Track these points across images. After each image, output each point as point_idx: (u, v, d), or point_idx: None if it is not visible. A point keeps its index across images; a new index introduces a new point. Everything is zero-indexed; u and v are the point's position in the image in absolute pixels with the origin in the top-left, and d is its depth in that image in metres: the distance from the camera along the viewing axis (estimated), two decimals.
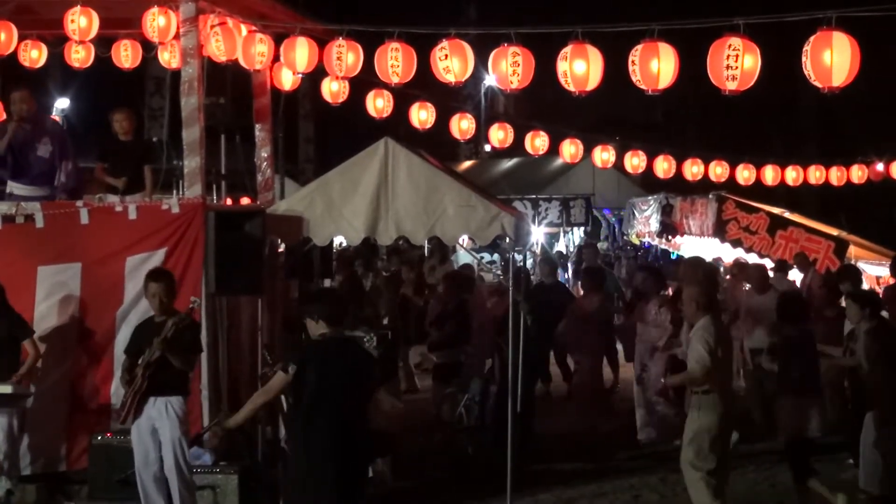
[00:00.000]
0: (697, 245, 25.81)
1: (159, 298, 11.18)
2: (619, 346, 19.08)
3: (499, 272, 20.92)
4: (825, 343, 13.25)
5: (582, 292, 18.58)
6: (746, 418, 13.62)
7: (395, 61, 13.43)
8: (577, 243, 33.18)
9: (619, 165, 27.09)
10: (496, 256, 27.44)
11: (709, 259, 21.22)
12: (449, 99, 20.30)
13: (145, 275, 11.64)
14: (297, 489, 8.56)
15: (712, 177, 26.32)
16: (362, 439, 8.78)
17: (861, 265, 20.66)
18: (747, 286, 17.56)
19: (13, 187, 13.64)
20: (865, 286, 17.66)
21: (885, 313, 12.97)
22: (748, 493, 12.58)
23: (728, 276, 20.79)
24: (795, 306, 12.96)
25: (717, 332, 11.41)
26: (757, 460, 13.74)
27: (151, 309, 11.43)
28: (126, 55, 15.87)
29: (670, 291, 16.21)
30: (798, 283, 19.40)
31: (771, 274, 18.00)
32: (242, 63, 14.44)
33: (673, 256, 28.96)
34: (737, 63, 11.52)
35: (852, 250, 21.46)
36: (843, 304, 13.91)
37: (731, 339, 12.53)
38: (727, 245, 23.16)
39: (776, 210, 23.22)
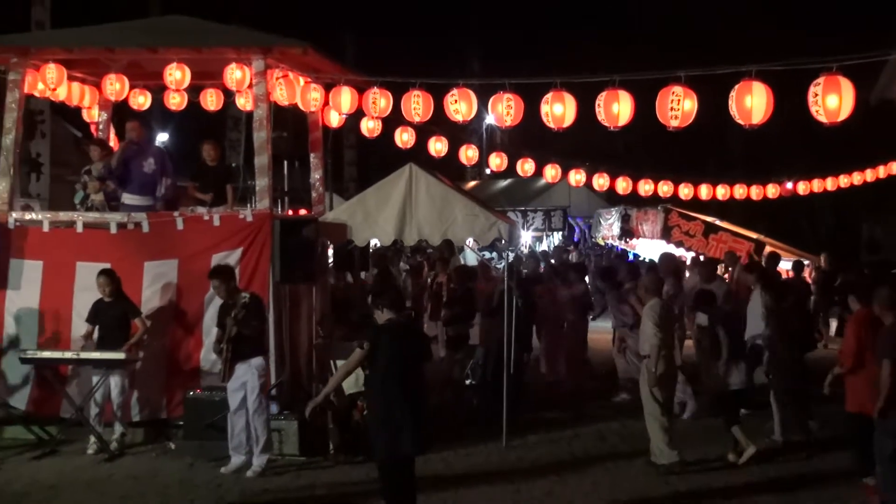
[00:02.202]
0: (649, 246, 25.81)
1: (220, 289, 11.44)
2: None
3: (497, 266, 20.85)
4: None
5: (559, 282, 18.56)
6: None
7: (417, 105, 13.43)
8: (556, 244, 33.21)
9: (588, 184, 27.00)
10: (494, 254, 27.40)
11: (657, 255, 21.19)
12: (458, 133, 20.26)
13: (207, 274, 11.87)
14: (378, 429, 8.65)
15: (660, 193, 26.26)
16: (423, 392, 8.92)
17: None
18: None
19: (125, 197, 13.68)
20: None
21: None
22: (686, 432, 12.55)
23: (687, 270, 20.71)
24: (707, 296, 13.01)
25: (661, 311, 11.48)
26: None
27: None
28: (211, 100, 15.88)
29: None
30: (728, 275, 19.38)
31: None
32: (300, 106, 14.45)
33: (630, 254, 28.91)
34: (678, 106, 11.49)
35: (767, 249, 21.44)
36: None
37: (674, 316, 12.53)
38: (672, 245, 23.16)
39: (709, 218, 23.22)
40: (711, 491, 10.65)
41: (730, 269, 20.25)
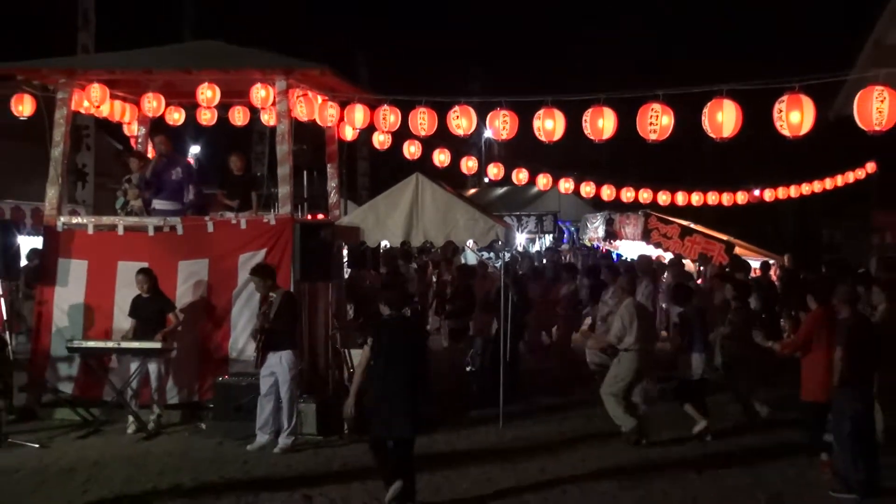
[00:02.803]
0: (631, 247, 25.75)
1: (259, 285, 11.56)
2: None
3: (495, 265, 20.82)
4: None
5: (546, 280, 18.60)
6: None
7: (423, 120, 13.41)
8: (547, 245, 33.20)
9: (576, 191, 26.95)
10: (492, 254, 27.38)
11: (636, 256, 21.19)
12: (460, 146, 20.24)
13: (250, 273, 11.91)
14: (378, 410, 8.84)
15: (641, 199, 26.18)
16: (420, 381, 9.01)
17: (751, 261, 20.79)
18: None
19: (155, 203, 13.73)
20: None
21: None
22: (667, 415, 12.56)
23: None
24: (684, 291, 13.03)
25: (635, 310, 11.56)
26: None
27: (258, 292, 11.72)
28: (239, 116, 15.87)
29: None
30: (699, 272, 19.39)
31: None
32: (318, 121, 14.44)
33: (614, 255, 28.86)
34: (657, 121, 11.47)
35: (737, 250, 21.43)
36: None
37: (650, 314, 12.56)
38: (651, 247, 23.14)
39: (685, 222, 23.16)
40: (685, 461, 10.83)
41: (702, 268, 20.28)
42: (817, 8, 35.68)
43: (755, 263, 20.36)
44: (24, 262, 14.46)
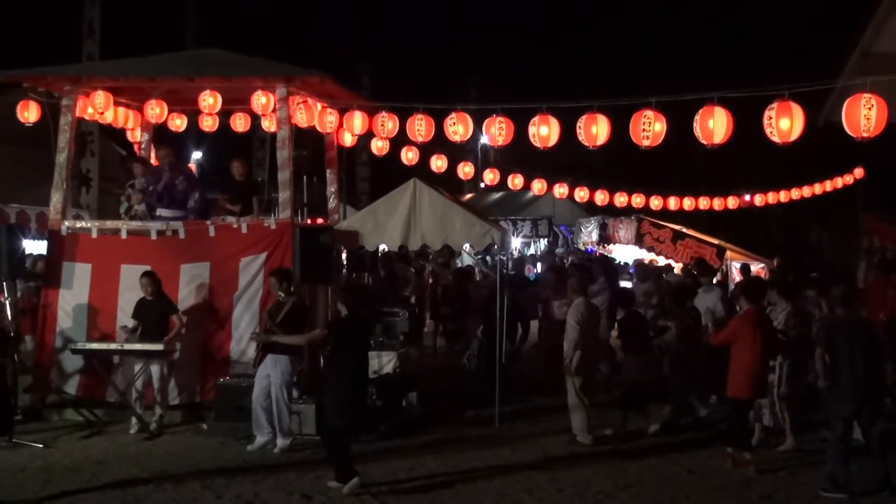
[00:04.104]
0: (624, 251, 25.77)
1: (275, 287, 11.57)
2: None
3: (485, 268, 20.79)
4: None
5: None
6: None
7: (420, 127, 13.41)
8: (542, 249, 33.16)
9: (571, 196, 26.99)
10: (488, 258, 27.36)
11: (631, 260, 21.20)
12: (456, 152, 20.24)
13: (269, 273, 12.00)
14: (333, 400, 9.47)
15: (634, 204, 26.25)
16: (367, 372, 9.94)
17: (734, 263, 20.79)
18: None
19: (160, 211, 13.71)
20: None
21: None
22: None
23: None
24: (625, 298, 13.22)
25: (585, 310, 11.58)
26: None
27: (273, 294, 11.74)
28: (240, 122, 15.88)
29: None
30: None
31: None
32: (318, 128, 14.44)
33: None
34: (649, 128, 11.47)
35: (728, 253, 21.44)
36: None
37: (598, 314, 12.59)
38: (643, 250, 23.15)
39: (677, 227, 23.17)
40: (677, 462, 10.87)
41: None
42: (805, 17, 35.74)
43: (755, 267, 20.46)
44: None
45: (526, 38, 46.70)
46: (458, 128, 13.08)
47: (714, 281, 16.42)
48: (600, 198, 26.16)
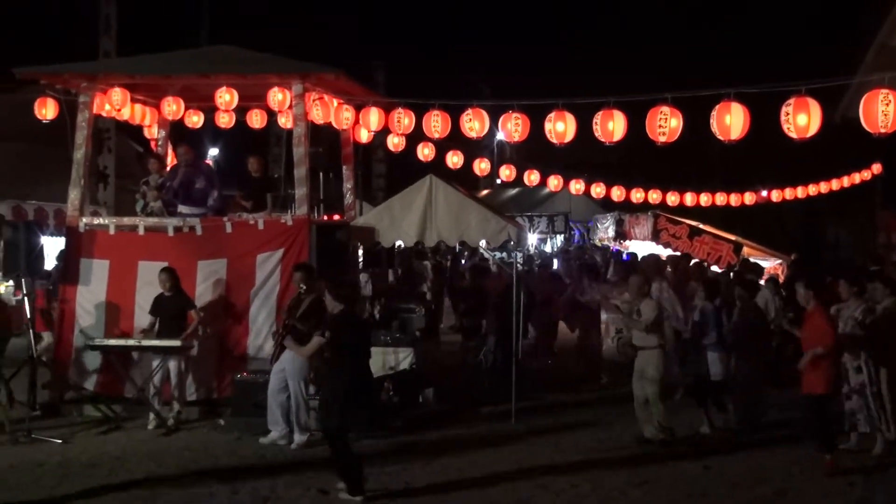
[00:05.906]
0: (640, 247, 25.67)
1: (300, 281, 11.44)
2: None
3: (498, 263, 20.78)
4: None
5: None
6: None
7: (437, 123, 13.40)
8: (559, 245, 33.14)
9: (587, 193, 26.96)
10: (504, 254, 27.35)
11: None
12: (473, 148, 20.22)
13: (292, 267, 11.98)
14: (330, 399, 9.16)
15: (650, 200, 26.18)
16: (367, 371, 9.41)
17: (751, 259, 20.70)
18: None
19: (181, 208, 13.76)
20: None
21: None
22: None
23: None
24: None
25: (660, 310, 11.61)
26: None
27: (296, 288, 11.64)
28: (256, 119, 15.91)
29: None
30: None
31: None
32: (334, 124, 14.47)
33: (624, 255, 28.78)
34: (665, 124, 11.47)
35: (745, 250, 21.35)
36: None
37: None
38: (660, 247, 23.07)
39: (693, 223, 23.08)
40: (692, 456, 10.77)
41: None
42: (822, 12, 35.59)
43: (765, 264, 20.35)
44: (53, 263, 14.53)
45: (543, 34, 46.60)
46: (474, 124, 13.09)
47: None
48: (617, 194, 26.12)
